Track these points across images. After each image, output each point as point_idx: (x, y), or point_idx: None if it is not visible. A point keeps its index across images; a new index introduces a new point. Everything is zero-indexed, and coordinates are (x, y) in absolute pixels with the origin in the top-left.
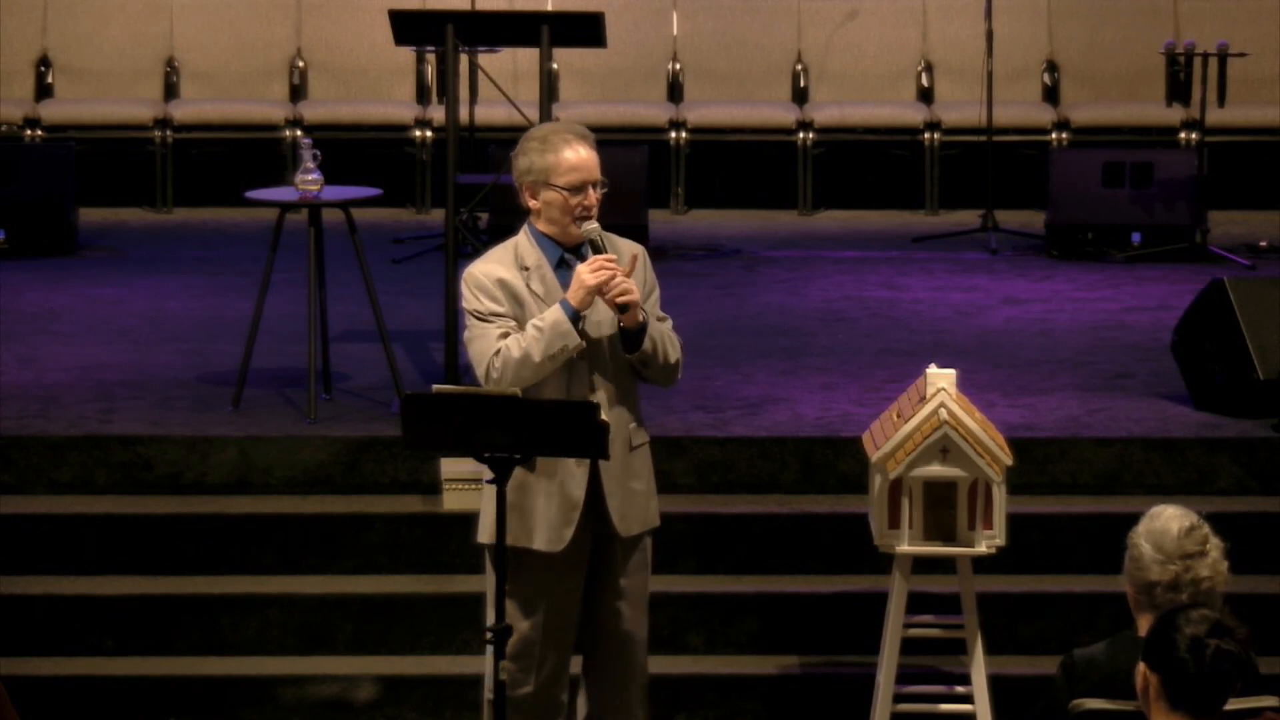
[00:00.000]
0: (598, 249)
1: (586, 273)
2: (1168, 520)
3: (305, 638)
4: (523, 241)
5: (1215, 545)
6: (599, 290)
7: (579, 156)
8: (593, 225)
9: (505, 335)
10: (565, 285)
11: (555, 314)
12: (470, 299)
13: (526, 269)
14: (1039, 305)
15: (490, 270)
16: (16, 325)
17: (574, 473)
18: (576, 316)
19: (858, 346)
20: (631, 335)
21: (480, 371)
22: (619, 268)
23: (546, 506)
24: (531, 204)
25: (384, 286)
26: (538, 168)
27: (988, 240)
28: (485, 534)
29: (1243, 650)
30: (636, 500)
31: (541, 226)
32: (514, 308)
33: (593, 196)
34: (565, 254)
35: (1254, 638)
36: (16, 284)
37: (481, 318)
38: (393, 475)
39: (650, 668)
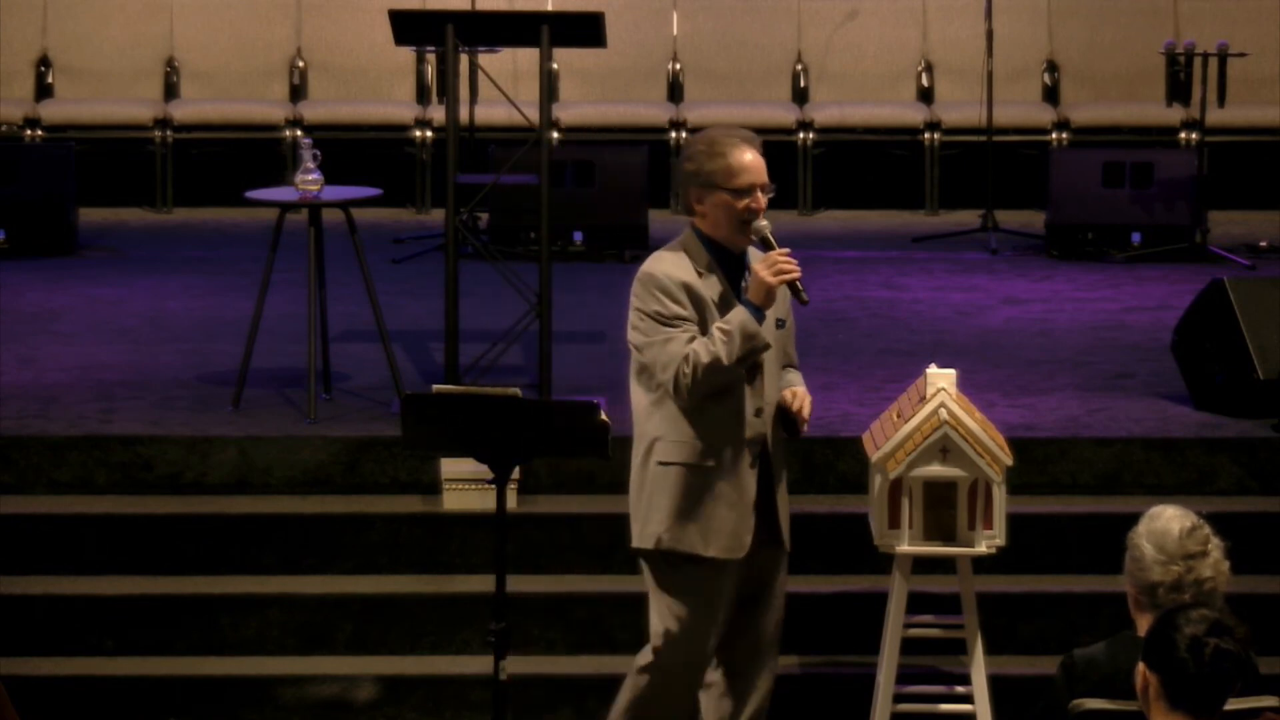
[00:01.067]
0: (769, 245)
1: (765, 271)
2: (1169, 520)
3: (305, 638)
4: (691, 244)
5: (1216, 545)
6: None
7: (747, 159)
8: (763, 222)
9: (692, 339)
10: (734, 289)
11: (741, 315)
12: (651, 301)
13: (701, 272)
14: (1039, 305)
15: (672, 272)
16: (16, 325)
17: (750, 478)
18: (761, 316)
19: (858, 346)
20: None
21: (667, 376)
22: (793, 261)
23: (728, 513)
24: (697, 208)
25: (384, 286)
26: (705, 171)
27: (988, 240)
28: (667, 538)
29: (1242, 649)
30: (787, 508)
31: (706, 230)
32: (696, 313)
33: (761, 200)
34: (732, 259)
35: (1254, 637)
36: (16, 284)
37: (665, 321)
38: (393, 475)
39: None
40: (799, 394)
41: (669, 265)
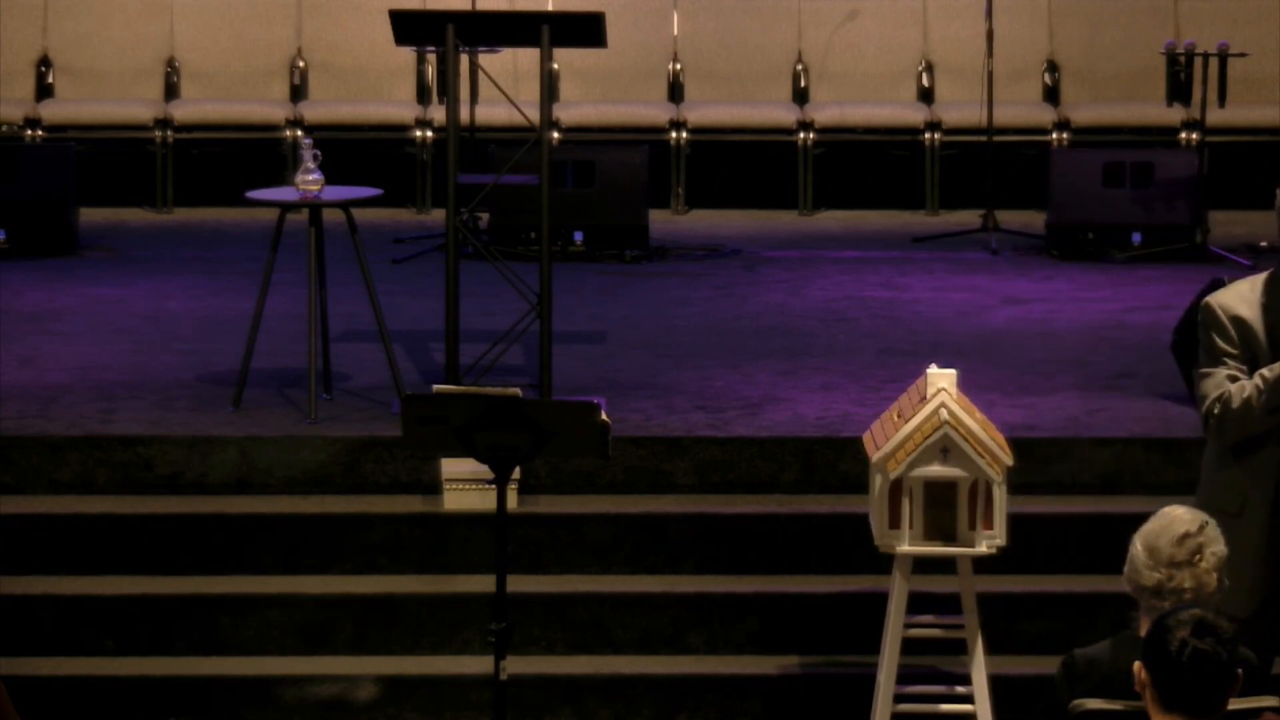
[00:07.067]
0: None
1: None
2: (1168, 524)
3: (305, 638)
4: (1275, 274)
5: (1211, 555)
6: None
7: None
8: None
9: (1233, 378)
10: None
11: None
12: (1204, 333)
13: (1266, 305)
14: (1039, 305)
15: (1229, 305)
16: (16, 325)
17: (1274, 534)
18: None
19: (858, 346)
20: None
21: (1201, 411)
22: None
23: (1251, 570)
24: None
25: (384, 286)
26: None
27: (988, 240)
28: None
29: (1225, 651)
30: None
31: None
32: (1246, 351)
33: None
34: None
35: (1244, 637)
36: (16, 284)
37: (1213, 355)
38: (393, 475)
39: (650, 668)
40: None
41: (1229, 296)
